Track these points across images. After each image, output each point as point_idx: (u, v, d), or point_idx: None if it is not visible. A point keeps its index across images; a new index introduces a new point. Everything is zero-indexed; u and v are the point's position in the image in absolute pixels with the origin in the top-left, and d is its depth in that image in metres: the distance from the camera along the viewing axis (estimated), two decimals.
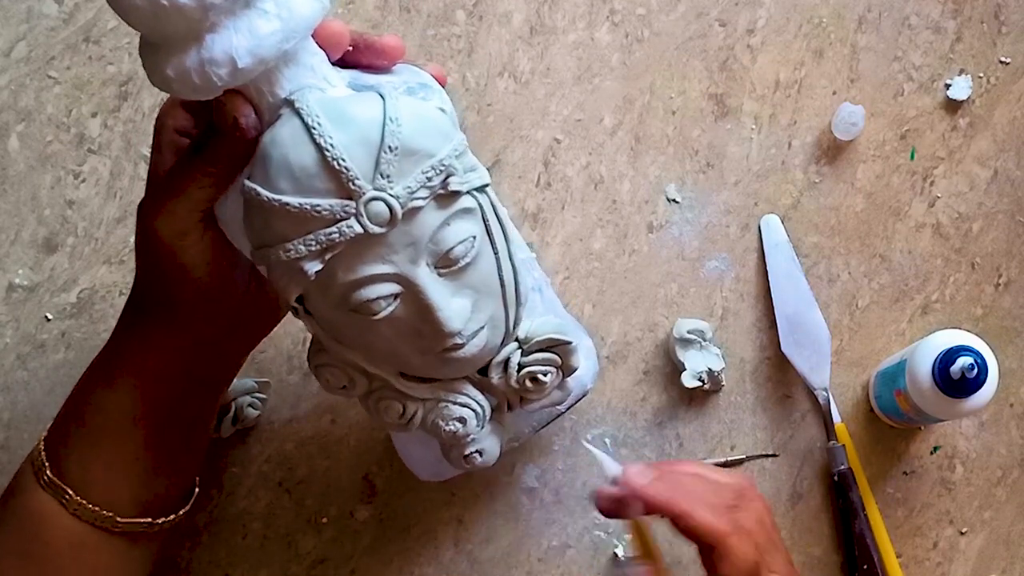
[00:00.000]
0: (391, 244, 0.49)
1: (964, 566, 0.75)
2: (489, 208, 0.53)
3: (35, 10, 0.77)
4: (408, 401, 0.57)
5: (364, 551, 0.74)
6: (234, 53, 0.45)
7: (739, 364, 0.76)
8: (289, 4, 0.46)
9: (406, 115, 0.48)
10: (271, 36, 0.46)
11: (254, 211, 0.49)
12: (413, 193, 0.48)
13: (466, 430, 0.58)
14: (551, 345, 0.58)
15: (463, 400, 0.57)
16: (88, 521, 0.56)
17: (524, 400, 0.60)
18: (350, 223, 0.48)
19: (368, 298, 0.50)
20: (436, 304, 0.51)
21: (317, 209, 0.47)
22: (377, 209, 0.48)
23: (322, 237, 0.48)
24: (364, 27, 0.78)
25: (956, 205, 0.78)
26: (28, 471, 0.58)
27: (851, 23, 0.79)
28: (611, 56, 0.79)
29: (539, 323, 0.58)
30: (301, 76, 0.49)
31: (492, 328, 0.54)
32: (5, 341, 0.74)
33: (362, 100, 0.48)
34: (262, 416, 0.74)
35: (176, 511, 0.61)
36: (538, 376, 0.58)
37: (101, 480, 0.57)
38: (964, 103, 0.79)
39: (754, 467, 0.76)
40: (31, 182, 0.76)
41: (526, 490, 0.75)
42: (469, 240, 0.51)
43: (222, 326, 0.56)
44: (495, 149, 0.77)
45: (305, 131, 0.47)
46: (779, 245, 0.77)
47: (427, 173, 0.48)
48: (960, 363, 0.66)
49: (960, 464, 0.76)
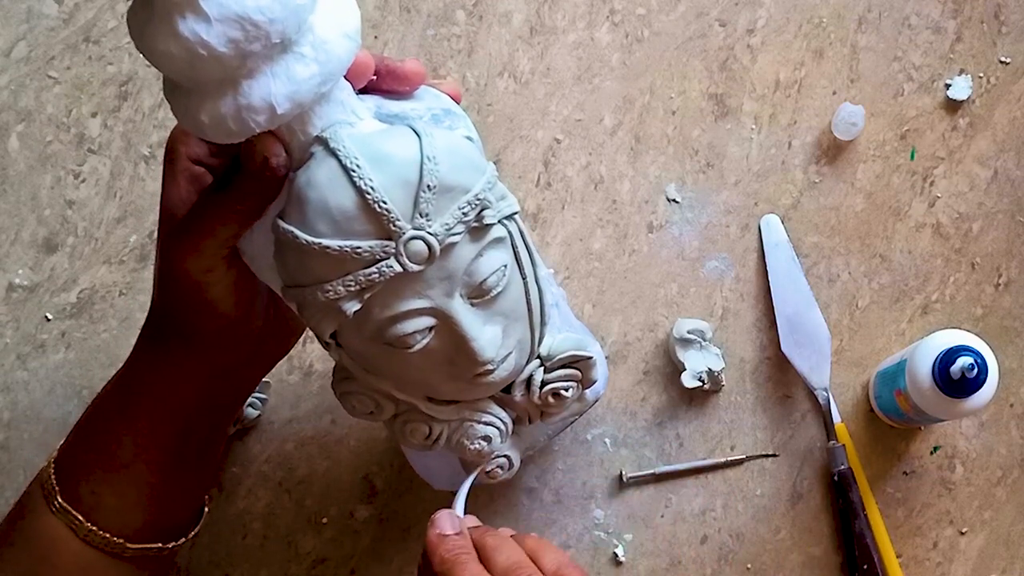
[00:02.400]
0: (427, 279, 0.49)
1: (964, 566, 0.75)
2: (518, 235, 0.52)
3: (35, 10, 0.77)
4: (434, 423, 0.57)
5: (364, 551, 0.74)
6: (273, 100, 0.45)
7: (739, 364, 0.76)
8: (326, 47, 0.45)
9: (442, 152, 0.47)
10: (309, 80, 0.45)
11: (289, 252, 0.48)
12: (451, 229, 0.48)
13: (491, 447, 0.58)
14: (572, 361, 0.58)
15: (488, 419, 0.58)
16: (98, 547, 0.56)
17: (545, 415, 0.60)
18: (389, 263, 0.47)
19: (404, 332, 0.50)
20: (471, 335, 0.51)
21: (358, 251, 0.47)
22: (416, 248, 0.47)
23: (361, 278, 0.47)
24: (364, 27, 0.78)
25: (956, 205, 0.78)
26: (38, 493, 0.57)
27: (851, 23, 0.79)
28: (611, 56, 0.79)
29: (560, 340, 0.58)
30: (332, 112, 0.48)
31: (520, 351, 0.55)
32: (5, 341, 0.74)
33: (397, 137, 0.48)
34: (262, 416, 0.74)
35: (186, 534, 0.60)
36: (560, 392, 0.58)
37: (112, 506, 0.56)
38: (964, 103, 0.79)
39: (754, 467, 0.76)
40: (31, 182, 0.76)
41: (526, 490, 0.75)
42: (501, 270, 0.51)
43: (241, 354, 0.56)
44: (495, 149, 0.77)
45: (343, 173, 0.46)
46: (779, 245, 0.77)
47: (463, 209, 0.48)
48: (960, 363, 0.66)
49: (960, 464, 0.76)
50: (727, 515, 0.75)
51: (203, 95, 0.45)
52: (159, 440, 0.56)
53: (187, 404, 0.56)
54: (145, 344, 0.56)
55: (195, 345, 0.54)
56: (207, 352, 0.54)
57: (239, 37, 0.43)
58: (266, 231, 0.50)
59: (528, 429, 0.62)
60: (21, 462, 0.73)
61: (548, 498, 0.75)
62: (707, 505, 0.75)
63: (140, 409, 0.56)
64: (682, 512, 0.75)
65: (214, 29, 0.42)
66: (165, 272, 0.53)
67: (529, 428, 0.62)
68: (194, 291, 0.52)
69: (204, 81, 0.44)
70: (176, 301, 0.53)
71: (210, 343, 0.54)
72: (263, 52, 0.44)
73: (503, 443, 0.59)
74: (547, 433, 0.67)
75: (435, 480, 0.69)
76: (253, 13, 0.42)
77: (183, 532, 0.60)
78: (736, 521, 0.75)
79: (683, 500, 0.75)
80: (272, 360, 0.60)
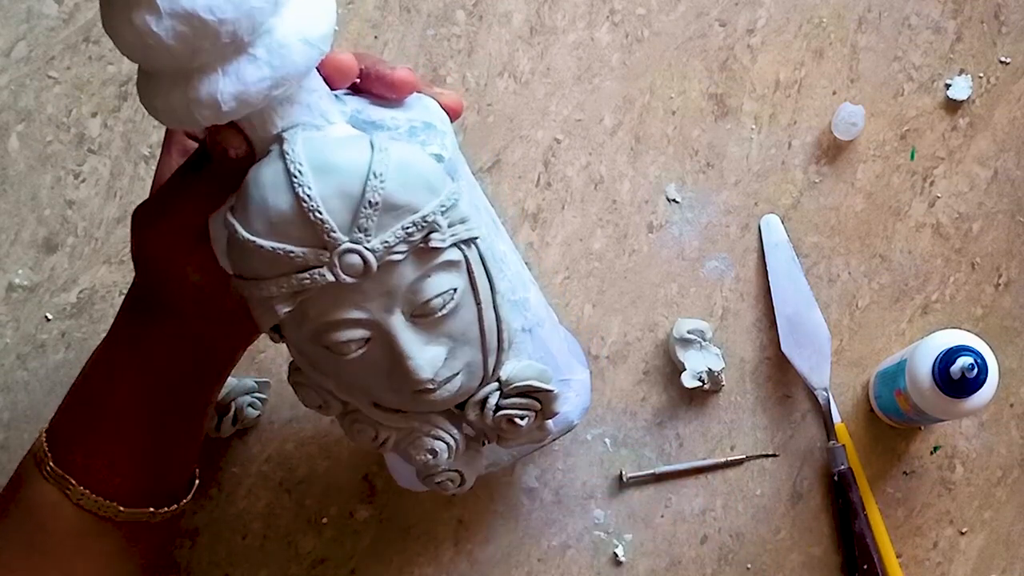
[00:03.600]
0: (365, 291, 0.49)
1: (964, 566, 0.75)
2: (476, 260, 0.51)
3: (35, 10, 0.77)
4: (380, 428, 0.56)
5: (364, 551, 0.74)
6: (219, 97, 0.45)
7: (739, 364, 0.76)
8: (282, 52, 0.45)
9: (393, 168, 0.47)
10: (259, 83, 0.45)
11: (232, 244, 0.49)
12: (391, 248, 0.47)
13: (436, 462, 0.57)
14: (530, 391, 0.56)
15: (436, 433, 0.56)
16: (91, 510, 0.57)
17: (500, 439, 0.58)
18: (323, 271, 0.47)
19: (339, 340, 0.49)
20: (408, 353, 0.50)
21: (290, 255, 0.47)
22: (351, 261, 0.47)
23: (294, 282, 0.47)
24: (364, 27, 0.78)
25: (956, 205, 0.78)
26: (30, 463, 0.58)
27: (851, 23, 0.79)
28: (611, 56, 0.79)
29: (521, 367, 0.56)
30: (296, 114, 0.48)
31: (468, 374, 0.53)
32: (5, 341, 0.74)
33: (350, 148, 0.47)
34: (262, 416, 0.74)
35: (177, 501, 0.61)
36: (515, 419, 0.57)
37: (103, 469, 0.57)
38: (964, 103, 0.79)
39: (754, 467, 0.76)
40: (31, 182, 0.76)
41: (526, 490, 0.75)
42: (449, 292, 0.50)
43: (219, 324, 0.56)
44: (495, 149, 0.77)
45: (286, 177, 0.46)
46: (779, 245, 0.77)
47: (408, 229, 0.48)
48: (960, 363, 0.66)
49: (960, 464, 0.76)
50: (727, 515, 0.75)
51: (159, 82, 0.46)
52: (145, 403, 0.57)
53: (169, 367, 0.57)
54: (127, 310, 0.58)
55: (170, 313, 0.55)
56: (182, 320, 0.55)
57: (187, 33, 0.43)
58: None
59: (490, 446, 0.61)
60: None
61: (548, 498, 0.75)
62: (707, 505, 0.75)
63: (124, 374, 0.57)
64: (682, 512, 0.75)
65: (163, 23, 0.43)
66: (134, 245, 0.54)
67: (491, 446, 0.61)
68: (161, 265, 0.53)
69: (158, 69, 0.45)
70: (146, 273, 0.55)
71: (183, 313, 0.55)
72: (213, 50, 0.44)
73: (451, 459, 0.58)
74: (512, 453, 0.66)
75: (399, 477, 0.68)
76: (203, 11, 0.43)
77: (175, 499, 0.61)
78: (736, 521, 0.75)
79: (683, 500, 0.75)
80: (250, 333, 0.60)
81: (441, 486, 0.59)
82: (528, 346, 0.59)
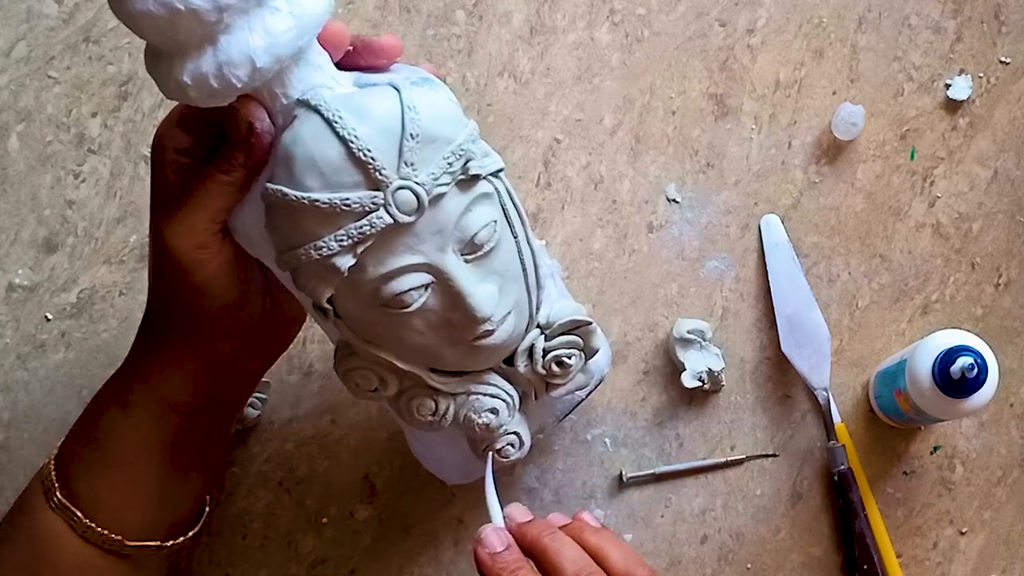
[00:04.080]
0: (419, 234, 0.50)
1: (964, 566, 0.75)
2: (505, 193, 0.54)
3: (35, 10, 0.77)
4: (440, 397, 0.57)
5: (364, 551, 0.74)
6: (252, 53, 0.45)
7: (739, 364, 0.76)
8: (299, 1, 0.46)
9: (422, 104, 0.48)
10: (286, 33, 0.46)
11: (280, 213, 0.49)
12: (437, 179, 0.49)
13: (499, 420, 0.58)
14: (573, 327, 0.58)
15: (493, 391, 0.58)
16: (96, 544, 0.56)
17: (550, 386, 0.60)
18: (380, 214, 0.48)
19: (400, 290, 0.50)
20: (467, 291, 0.51)
21: (347, 203, 0.48)
22: (405, 198, 0.48)
23: (353, 231, 0.48)
24: (364, 27, 0.78)
25: (956, 205, 0.78)
26: (38, 490, 0.57)
27: (851, 23, 0.79)
28: (611, 56, 0.79)
29: (559, 307, 0.58)
30: (311, 76, 0.49)
31: (518, 313, 0.55)
32: (5, 341, 0.74)
33: (377, 93, 0.49)
34: (262, 416, 0.74)
35: (185, 533, 0.60)
36: (563, 360, 0.59)
37: (111, 503, 0.56)
38: (964, 103, 0.79)
39: (754, 467, 0.76)
40: (31, 182, 0.76)
41: (526, 490, 0.75)
42: (491, 224, 0.52)
43: (239, 342, 0.55)
44: (495, 149, 0.77)
45: (327, 126, 0.47)
46: (779, 245, 0.77)
47: (448, 159, 0.49)
48: (960, 363, 0.66)
49: (960, 464, 0.76)
50: (727, 515, 0.75)
51: (184, 56, 0.46)
52: (158, 436, 0.56)
53: (186, 399, 0.56)
54: (143, 339, 0.57)
55: (191, 333, 0.54)
56: (203, 340, 0.54)
57: None
58: (255, 204, 0.51)
59: (535, 407, 0.62)
60: (21, 462, 0.73)
61: (548, 498, 0.75)
62: (707, 505, 0.75)
63: (139, 405, 0.56)
64: (682, 512, 0.75)
65: None
66: (158, 255, 0.52)
67: (536, 407, 0.62)
68: (187, 271, 0.52)
69: (183, 40, 0.45)
70: (170, 285, 0.53)
71: (206, 329, 0.54)
72: (239, 5, 0.45)
73: (511, 417, 0.59)
74: (555, 415, 0.67)
75: (448, 473, 0.68)
76: None
77: (183, 531, 0.60)
78: (736, 521, 0.75)
79: (683, 500, 0.75)
80: (272, 354, 0.60)
81: (502, 452, 0.60)
82: (553, 290, 0.60)
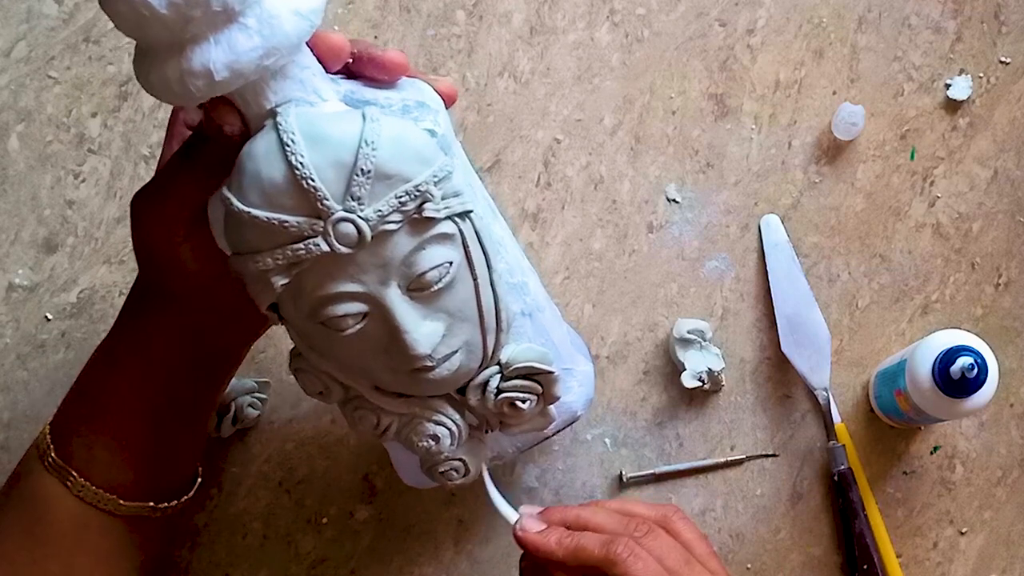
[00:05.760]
0: (360, 264, 0.49)
1: (964, 566, 0.75)
2: (472, 235, 0.51)
3: (35, 10, 0.77)
4: (382, 414, 0.56)
5: (364, 551, 0.74)
6: (211, 66, 0.45)
7: (739, 364, 0.76)
8: (272, 22, 0.46)
9: (385, 138, 0.47)
10: (250, 52, 0.46)
11: (229, 219, 0.49)
12: (384, 217, 0.48)
13: (439, 448, 0.57)
14: (531, 373, 0.57)
15: (438, 418, 0.56)
16: (91, 503, 0.57)
17: (503, 424, 0.59)
18: (317, 241, 0.48)
19: (336, 315, 0.50)
20: (404, 327, 0.50)
21: (285, 224, 0.47)
22: (345, 230, 0.47)
23: (289, 252, 0.48)
24: (364, 27, 0.78)
25: (956, 205, 0.78)
26: (33, 455, 0.59)
27: (851, 23, 0.79)
28: (611, 56, 0.79)
29: (522, 350, 0.57)
30: (289, 89, 0.48)
31: (467, 352, 0.54)
32: (5, 341, 0.74)
33: (342, 120, 0.48)
34: (262, 416, 0.74)
35: (179, 497, 0.61)
36: (516, 402, 0.57)
37: (104, 462, 0.57)
38: (964, 103, 0.79)
39: (754, 467, 0.76)
40: (31, 182, 0.76)
41: (526, 490, 0.75)
42: (445, 266, 0.50)
43: (220, 315, 0.56)
44: (495, 149, 0.77)
45: (279, 147, 0.47)
46: (779, 245, 0.77)
47: (401, 198, 0.48)
48: (960, 363, 0.66)
49: (960, 464, 0.76)
50: (727, 515, 0.75)
51: (154, 57, 0.46)
52: (146, 395, 0.57)
53: (170, 361, 0.57)
54: (131, 301, 0.58)
55: (171, 303, 0.55)
56: (183, 310, 0.55)
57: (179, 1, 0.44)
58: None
59: (493, 437, 0.61)
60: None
61: (548, 498, 0.75)
62: (707, 505, 0.75)
63: (126, 365, 0.57)
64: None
65: None
66: (133, 231, 0.54)
67: (494, 436, 0.61)
68: (160, 250, 0.53)
69: (153, 43, 0.46)
70: (145, 260, 0.55)
71: (184, 302, 0.55)
72: (205, 18, 0.45)
73: (454, 446, 0.58)
74: (515, 445, 0.66)
75: (404, 474, 0.68)
76: None
77: (175, 495, 0.61)
78: (736, 521, 0.75)
79: (683, 500, 0.75)
80: (256, 327, 0.60)
81: (445, 476, 0.59)
82: (528, 330, 0.59)
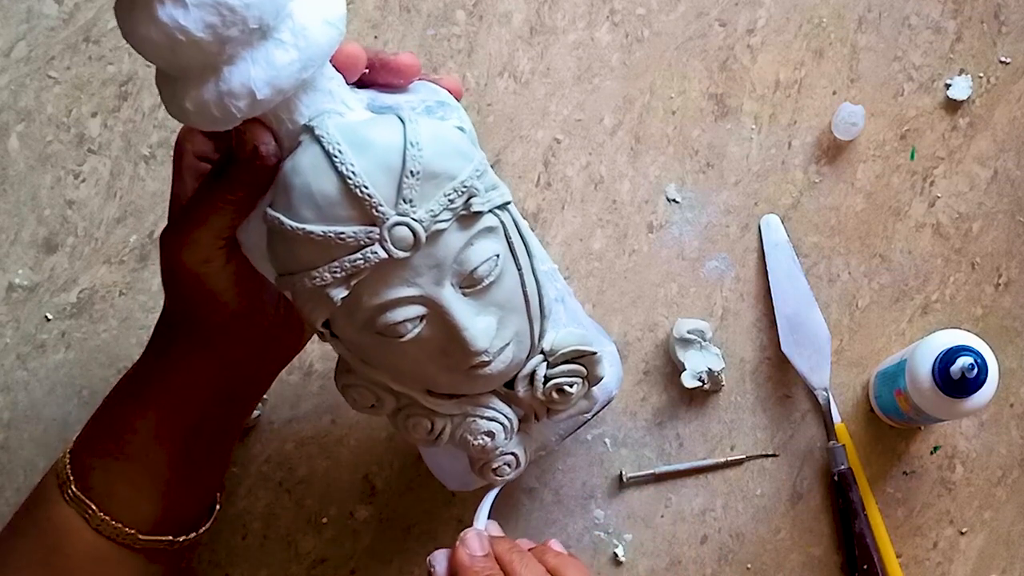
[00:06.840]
0: (415, 267, 0.49)
1: (964, 566, 0.75)
2: (511, 225, 0.52)
3: (35, 10, 0.77)
4: (436, 418, 0.57)
5: (364, 551, 0.74)
6: (252, 85, 0.45)
7: (739, 364, 0.76)
8: (306, 33, 0.46)
9: (426, 138, 0.47)
10: (289, 66, 0.46)
11: (277, 239, 0.49)
12: (436, 216, 0.48)
13: (495, 443, 0.58)
14: (576, 356, 0.58)
15: (490, 414, 0.57)
16: (110, 537, 0.57)
17: (551, 411, 0.60)
18: (374, 249, 0.47)
19: (394, 321, 0.50)
20: (462, 324, 0.51)
21: (341, 236, 0.47)
22: (401, 234, 0.48)
23: (347, 264, 0.48)
24: (364, 27, 0.78)
25: (956, 205, 0.78)
26: (52, 483, 0.58)
27: (851, 23, 0.79)
28: (611, 56, 0.79)
29: (563, 335, 0.58)
30: (319, 101, 0.48)
31: (518, 343, 0.54)
32: (5, 341, 0.74)
33: (382, 124, 0.48)
34: (262, 416, 0.74)
35: (196, 529, 0.61)
36: (564, 388, 0.58)
37: (124, 496, 0.57)
38: (964, 103, 0.79)
39: (754, 467, 0.76)
40: (31, 182, 0.76)
41: (526, 490, 0.75)
42: (493, 259, 0.51)
43: (252, 347, 0.56)
44: (495, 149, 0.77)
45: (326, 159, 0.47)
46: (779, 245, 0.77)
47: (449, 196, 0.48)
48: (960, 363, 0.66)
49: (960, 464, 0.76)
50: (727, 515, 0.75)
51: (187, 82, 0.46)
52: (171, 431, 0.56)
53: (198, 397, 0.56)
54: (158, 336, 0.57)
55: (202, 338, 0.54)
56: (215, 345, 0.55)
57: (216, 22, 0.43)
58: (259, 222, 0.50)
59: (537, 428, 0.62)
60: (21, 462, 0.73)
61: (548, 498, 0.75)
62: (707, 505, 0.75)
63: (152, 400, 0.56)
64: (682, 512, 0.75)
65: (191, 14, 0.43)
66: (165, 265, 0.53)
67: (538, 427, 0.62)
68: (193, 283, 0.52)
69: (186, 67, 0.45)
70: (178, 294, 0.54)
71: (217, 336, 0.54)
72: (242, 38, 0.44)
73: (508, 440, 0.59)
74: (558, 433, 0.67)
75: (448, 479, 0.68)
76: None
77: (194, 527, 0.61)
78: (736, 521, 0.75)
79: (683, 500, 0.75)
80: (286, 355, 0.60)
81: (498, 472, 0.60)
82: (562, 315, 0.60)
